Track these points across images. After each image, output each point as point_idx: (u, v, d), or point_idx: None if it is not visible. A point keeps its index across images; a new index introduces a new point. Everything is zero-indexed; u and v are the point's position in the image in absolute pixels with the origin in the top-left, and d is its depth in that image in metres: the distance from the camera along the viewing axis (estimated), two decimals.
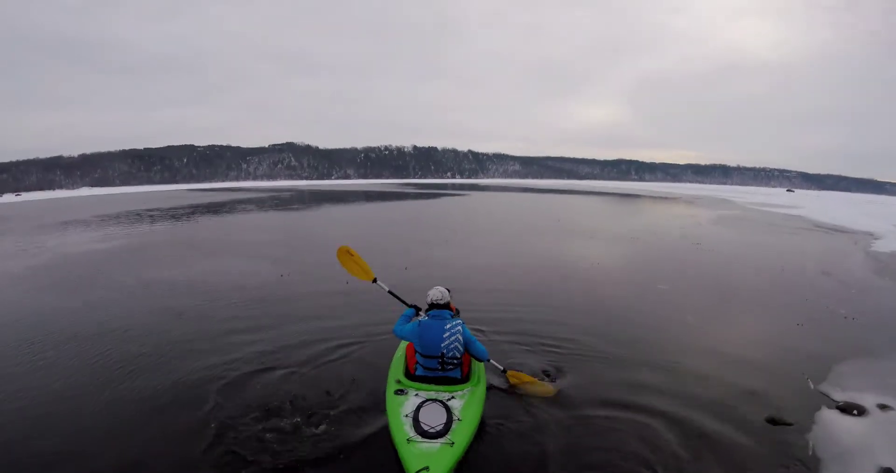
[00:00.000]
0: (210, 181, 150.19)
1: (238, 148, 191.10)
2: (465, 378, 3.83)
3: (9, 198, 53.37)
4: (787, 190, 79.91)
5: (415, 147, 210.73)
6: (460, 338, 3.75)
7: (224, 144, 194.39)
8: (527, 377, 4.23)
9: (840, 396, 3.98)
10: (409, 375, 3.86)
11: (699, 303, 7.22)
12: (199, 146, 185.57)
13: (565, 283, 8.31)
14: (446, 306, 3.95)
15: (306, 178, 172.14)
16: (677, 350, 5.12)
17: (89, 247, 12.51)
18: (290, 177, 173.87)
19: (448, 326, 3.75)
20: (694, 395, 4.02)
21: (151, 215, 22.85)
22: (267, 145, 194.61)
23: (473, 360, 4.04)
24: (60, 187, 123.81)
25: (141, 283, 8.25)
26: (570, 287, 8.00)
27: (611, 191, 58.66)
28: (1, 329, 5.97)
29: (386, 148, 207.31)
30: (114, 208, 28.65)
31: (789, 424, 3.57)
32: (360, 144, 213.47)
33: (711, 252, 11.68)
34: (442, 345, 3.69)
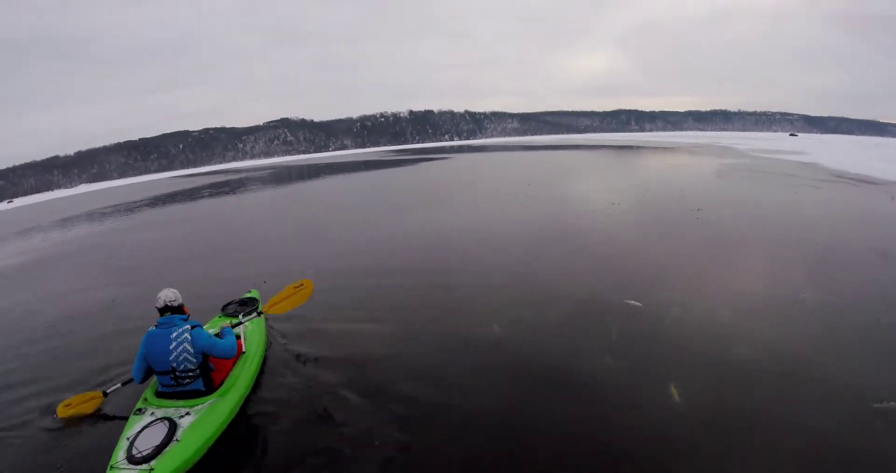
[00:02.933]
0: (207, 164, 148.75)
1: (233, 129, 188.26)
2: (213, 388, 3.36)
3: (3, 206, 52.30)
4: (791, 134, 75.62)
5: (411, 112, 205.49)
6: (189, 348, 3.20)
7: (218, 125, 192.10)
8: (278, 297, 4.19)
9: None
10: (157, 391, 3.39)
11: (698, 334, 4.27)
12: (193, 131, 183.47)
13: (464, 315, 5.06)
14: (179, 309, 3.37)
15: (303, 152, 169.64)
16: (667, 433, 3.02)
17: None
18: (288, 152, 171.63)
19: (174, 335, 3.20)
20: None
21: (105, 212, 21.71)
22: (262, 123, 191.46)
23: (237, 365, 3.68)
24: (58, 186, 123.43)
25: None
26: (475, 317, 4.98)
27: (608, 144, 55.82)
28: None
29: (382, 115, 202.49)
30: (87, 207, 27.52)
31: None
32: (355, 114, 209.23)
33: (718, 226, 8.52)
34: (170, 358, 3.18)
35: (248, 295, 5.37)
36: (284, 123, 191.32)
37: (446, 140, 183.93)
